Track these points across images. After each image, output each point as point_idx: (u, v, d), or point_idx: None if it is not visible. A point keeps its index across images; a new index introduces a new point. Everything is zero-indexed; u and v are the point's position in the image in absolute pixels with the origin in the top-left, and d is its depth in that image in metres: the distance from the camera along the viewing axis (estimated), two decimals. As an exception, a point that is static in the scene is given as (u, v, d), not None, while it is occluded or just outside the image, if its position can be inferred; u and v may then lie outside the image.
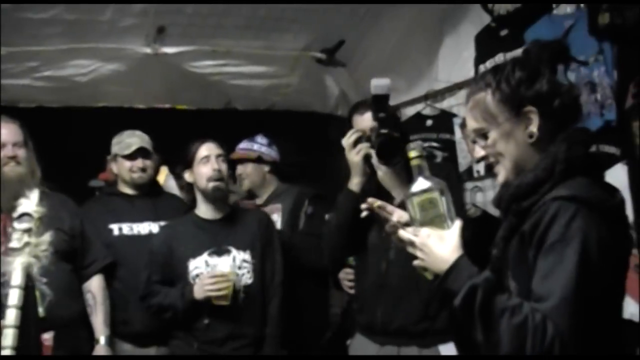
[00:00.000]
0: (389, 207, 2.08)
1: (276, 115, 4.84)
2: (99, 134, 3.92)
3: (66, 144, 4.14)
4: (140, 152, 3.66)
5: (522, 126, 1.75)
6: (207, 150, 3.39)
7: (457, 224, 1.80)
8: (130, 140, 3.69)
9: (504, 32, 3.35)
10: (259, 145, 4.11)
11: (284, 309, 3.43)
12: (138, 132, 3.75)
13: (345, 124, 2.91)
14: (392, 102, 3.91)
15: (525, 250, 1.65)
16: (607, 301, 1.62)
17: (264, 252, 3.42)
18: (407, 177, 2.49)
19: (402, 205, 2.44)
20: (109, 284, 3.47)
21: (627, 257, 1.73)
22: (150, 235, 3.59)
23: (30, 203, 2.94)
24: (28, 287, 2.61)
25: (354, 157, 2.72)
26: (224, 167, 3.40)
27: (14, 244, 2.63)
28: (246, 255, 3.35)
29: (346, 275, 3.60)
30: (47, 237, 2.88)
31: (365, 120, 2.76)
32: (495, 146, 1.78)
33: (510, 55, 3.24)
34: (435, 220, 1.83)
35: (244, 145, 4.11)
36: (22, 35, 3.65)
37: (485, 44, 3.50)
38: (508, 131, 1.76)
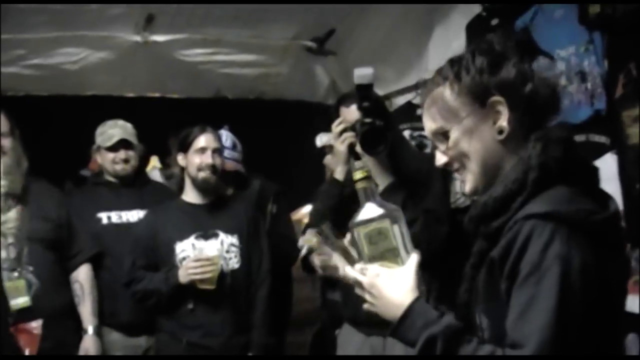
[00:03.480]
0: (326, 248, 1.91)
1: (266, 104, 4.83)
2: (88, 123, 3.90)
3: (55, 133, 4.12)
4: (122, 144, 3.65)
5: (489, 121, 1.46)
6: (205, 142, 3.38)
7: (414, 259, 1.54)
8: (112, 131, 3.67)
9: (494, 22, 3.34)
10: (228, 151, 3.91)
11: (272, 296, 3.43)
12: (120, 122, 3.73)
13: (332, 115, 2.91)
14: (383, 91, 3.92)
15: (496, 282, 1.38)
16: (598, 339, 1.35)
17: (251, 237, 3.42)
18: (391, 166, 2.51)
19: (385, 195, 2.44)
20: (96, 274, 3.47)
21: (623, 283, 1.46)
22: (138, 223, 3.59)
23: None
24: None
25: (339, 146, 2.74)
26: (218, 161, 3.41)
27: None
28: (234, 239, 3.35)
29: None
30: (13, 213, 2.85)
31: (351, 112, 2.76)
32: (458, 146, 1.49)
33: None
34: (386, 255, 1.55)
35: (229, 154, 3.89)
36: (9, 22, 3.61)
37: (476, 34, 3.49)
38: (472, 127, 1.47)
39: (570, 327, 1.29)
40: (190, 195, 3.43)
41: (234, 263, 3.33)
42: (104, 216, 3.62)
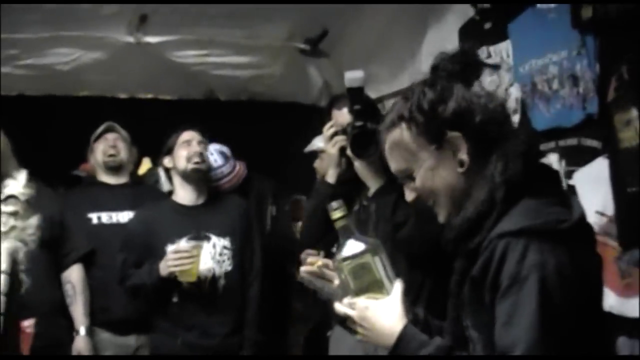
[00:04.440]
0: (329, 273, 1.93)
1: (259, 106, 4.82)
2: (80, 123, 3.90)
3: (48, 133, 4.12)
4: (109, 130, 3.68)
5: (448, 155, 1.52)
6: (189, 135, 3.42)
7: (398, 288, 1.63)
8: (100, 128, 3.72)
9: (487, 25, 3.34)
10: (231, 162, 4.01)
11: (264, 294, 3.44)
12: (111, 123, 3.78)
13: (324, 117, 2.92)
14: (375, 93, 3.92)
15: (480, 297, 1.44)
16: (583, 333, 1.41)
17: (244, 238, 3.43)
18: (382, 167, 2.51)
19: (377, 196, 2.45)
20: (87, 272, 3.47)
21: (598, 276, 1.53)
22: (130, 220, 3.59)
23: (17, 184, 2.91)
24: (13, 273, 2.58)
25: (331, 149, 2.75)
26: (205, 151, 3.41)
27: None
28: (226, 242, 3.36)
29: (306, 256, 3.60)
30: (34, 220, 2.86)
31: (343, 115, 2.76)
32: (424, 185, 1.56)
33: (493, 48, 3.24)
34: (371, 287, 1.64)
35: (227, 169, 3.95)
36: (1, 22, 3.60)
37: (469, 37, 3.49)
38: (434, 165, 1.53)
39: (555, 324, 1.35)
40: (181, 196, 3.43)
41: (227, 265, 3.34)
42: (94, 216, 3.63)
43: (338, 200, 1.74)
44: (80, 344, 3.35)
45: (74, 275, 3.41)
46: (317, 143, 3.24)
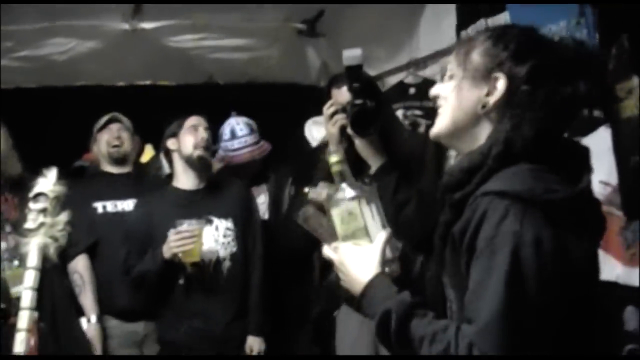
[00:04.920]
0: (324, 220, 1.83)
1: (258, 88, 4.81)
2: (79, 114, 3.89)
3: (47, 124, 4.11)
4: (113, 121, 3.68)
5: (481, 89, 1.47)
6: (195, 120, 3.42)
7: (381, 238, 1.60)
8: (104, 118, 3.71)
9: (484, 0, 3.32)
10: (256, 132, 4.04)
11: (266, 281, 3.45)
12: (114, 114, 3.77)
13: (324, 97, 2.90)
14: (374, 71, 3.90)
15: (458, 257, 1.41)
16: (554, 317, 1.33)
17: (245, 221, 3.43)
18: (383, 146, 2.50)
19: (378, 175, 2.44)
20: (93, 262, 3.49)
21: (585, 264, 1.42)
22: (131, 212, 3.59)
23: (47, 182, 2.92)
24: (45, 269, 2.59)
25: (331, 128, 2.73)
26: (210, 139, 3.42)
27: (29, 224, 2.61)
28: (229, 224, 3.37)
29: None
30: (63, 217, 2.87)
31: (342, 94, 2.74)
32: (446, 89, 1.54)
33: (491, 20, 3.22)
34: (357, 234, 1.63)
35: (252, 138, 3.98)
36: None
37: (466, 10, 3.47)
38: (467, 86, 1.50)
39: (521, 301, 1.29)
40: (182, 181, 3.43)
41: (232, 247, 3.35)
42: (99, 205, 3.63)
43: (337, 146, 1.74)
44: (92, 331, 3.37)
45: (80, 265, 3.43)
46: (314, 132, 3.21)
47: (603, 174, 2.66)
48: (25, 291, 2.46)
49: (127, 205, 3.64)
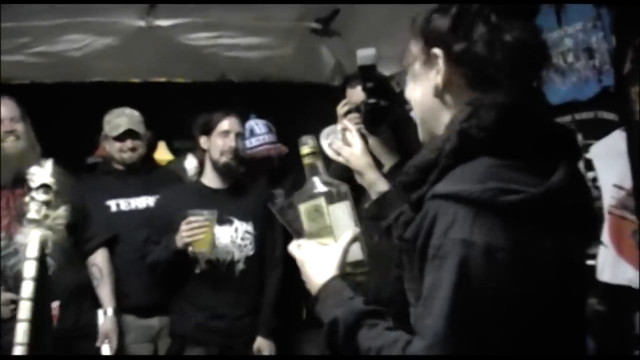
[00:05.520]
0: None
1: (271, 87, 4.81)
2: (93, 109, 3.90)
3: (61, 120, 4.13)
4: (128, 134, 3.67)
5: (431, 75, 1.35)
6: (229, 125, 3.42)
7: (345, 238, 1.51)
8: (119, 120, 3.70)
9: (499, -1, 3.32)
10: (274, 132, 4.05)
11: (284, 283, 3.45)
12: (128, 111, 3.75)
13: (340, 96, 2.90)
14: (390, 70, 3.89)
15: (411, 263, 1.28)
16: (511, 334, 1.19)
17: (266, 225, 3.43)
18: (397, 145, 2.49)
19: (389, 175, 2.44)
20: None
21: (566, 260, 1.25)
22: (147, 209, 3.63)
23: (45, 172, 2.93)
24: (42, 259, 2.61)
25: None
26: (240, 145, 3.46)
27: (32, 214, 2.62)
28: (248, 227, 3.39)
29: None
30: (62, 210, 2.89)
31: (357, 93, 2.75)
32: (409, 91, 1.42)
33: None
34: (322, 232, 1.54)
35: (269, 137, 4.00)
36: (12, 10, 3.60)
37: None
38: (418, 79, 1.38)
39: (471, 317, 1.16)
40: (209, 179, 3.46)
41: (249, 250, 3.38)
42: (112, 204, 3.65)
43: (310, 136, 1.69)
44: (108, 324, 3.40)
45: (99, 258, 3.47)
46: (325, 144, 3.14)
47: (617, 177, 2.66)
48: (26, 282, 2.45)
49: (140, 202, 3.66)
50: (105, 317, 3.41)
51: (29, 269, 2.47)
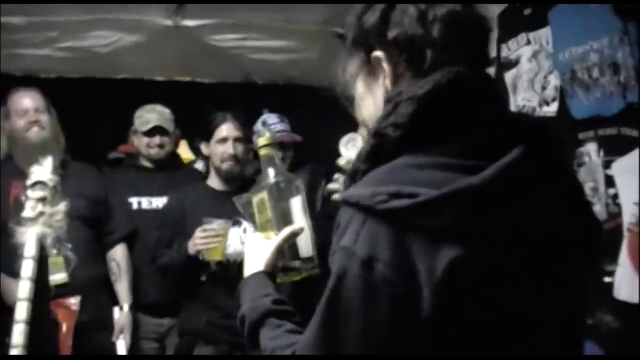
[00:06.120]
0: None
1: (296, 90, 4.82)
2: (118, 106, 3.94)
3: (86, 115, 4.16)
4: (158, 130, 3.69)
5: (380, 80, 1.23)
6: (226, 131, 3.41)
7: (284, 233, 1.48)
8: (150, 116, 3.73)
9: (527, 12, 3.30)
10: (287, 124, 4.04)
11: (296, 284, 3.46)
12: (159, 108, 3.79)
13: None
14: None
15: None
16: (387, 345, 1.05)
17: None
18: None
19: None
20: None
21: (471, 278, 1.04)
22: (166, 203, 3.63)
23: (44, 171, 2.97)
24: (42, 259, 2.63)
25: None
26: (240, 150, 3.43)
27: (27, 213, 2.63)
28: None
29: None
30: (62, 207, 2.92)
31: None
32: (359, 111, 1.33)
33: (533, 35, 3.20)
34: (266, 226, 1.52)
35: (283, 126, 3.96)
36: (42, 5, 3.64)
37: (508, 23, 3.45)
38: (366, 89, 1.28)
39: (335, 330, 1.06)
40: (215, 182, 3.47)
41: None
42: (134, 201, 3.69)
43: (267, 128, 1.66)
44: (124, 320, 3.43)
45: (118, 253, 3.50)
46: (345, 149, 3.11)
47: (638, 194, 2.63)
48: (23, 282, 2.45)
49: (162, 202, 3.69)
50: (121, 313, 3.44)
51: (27, 269, 2.44)
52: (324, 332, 1.07)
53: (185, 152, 4.48)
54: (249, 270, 1.47)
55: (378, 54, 1.22)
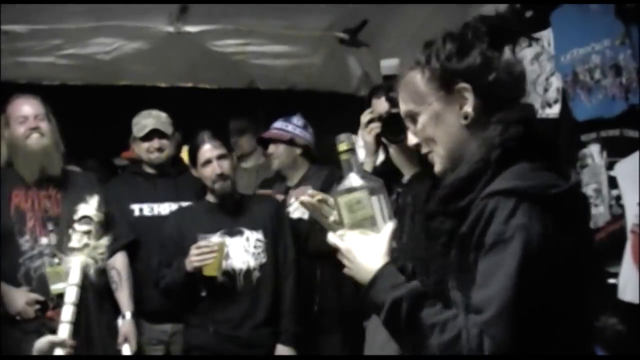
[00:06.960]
0: (326, 208, 1.84)
1: (298, 95, 4.83)
2: (121, 112, 3.94)
3: (89, 122, 4.18)
4: (155, 133, 3.70)
5: (455, 107, 1.53)
6: (208, 152, 3.41)
7: (389, 228, 1.60)
8: (145, 121, 3.73)
9: (529, 14, 3.30)
10: (294, 126, 3.99)
11: (299, 287, 3.46)
12: (154, 112, 3.78)
13: (365, 106, 2.91)
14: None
15: (466, 256, 1.44)
16: (559, 305, 1.40)
17: (276, 232, 3.46)
18: (417, 154, 2.50)
19: (411, 184, 2.43)
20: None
21: (587, 247, 1.53)
22: (165, 221, 3.62)
23: (90, 207, 3.02)
24: (84, 286, 2.70)
25: (366, 136, 2.75)
26: (226, 167, 3.42)
27: (73, 244, 2.72)
28: (259, 235, 3.41)
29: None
30: (104, 240, 2.97)
31: (381, 104, 2.76)
32: (425, 130, 1.58)
33: (535, 36, 3.20)
34: (364, 223, 1.62)
35: (278, 124, 3.97)
36: (45, 12, 3.66)
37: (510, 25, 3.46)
38: (439, 112, 1.55)
39: (530, 293, 1.34)
40: (212, 198, 3.48)
41: (262, 258, 3.39)
42: (136, 208, 3.68)
43: (347, 134, 1.72)
44: (127, 327, 3.44)
45: (118, 262, 3.49)
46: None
47: (641, 196, 2.63)
48: (66, 306, 2.54)
49: (164, 209, 3.69)
50: (123, 321, 3.44)
51: (70, 294, 2.56)
52: (520, 291, 1.33)
53: (187, 157, 4.48)
54: (371, 264, 1.55)
55: (465, 85, 1.51)
